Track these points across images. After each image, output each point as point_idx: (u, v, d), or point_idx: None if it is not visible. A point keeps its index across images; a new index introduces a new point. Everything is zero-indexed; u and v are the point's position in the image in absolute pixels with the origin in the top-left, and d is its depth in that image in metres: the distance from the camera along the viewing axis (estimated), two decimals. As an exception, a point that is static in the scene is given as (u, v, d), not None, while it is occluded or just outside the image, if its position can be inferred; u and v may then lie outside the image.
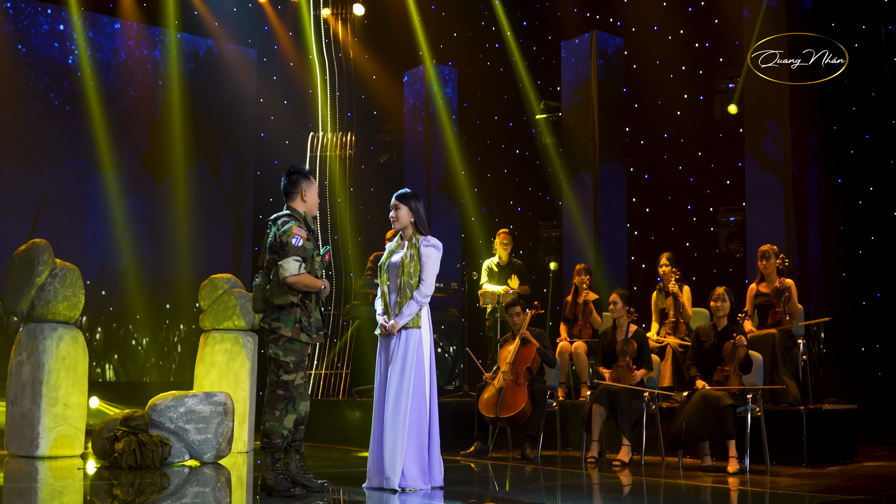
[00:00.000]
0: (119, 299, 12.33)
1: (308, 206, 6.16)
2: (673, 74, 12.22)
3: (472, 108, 13.64)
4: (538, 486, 7.06)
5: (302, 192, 6.13)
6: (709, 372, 7.82)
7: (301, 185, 6.13)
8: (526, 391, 8.50)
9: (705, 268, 11.70)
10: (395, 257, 6.41)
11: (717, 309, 7.91)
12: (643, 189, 12.46)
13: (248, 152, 13.06)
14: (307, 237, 5.95)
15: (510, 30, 13.23)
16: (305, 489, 6.09)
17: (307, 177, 6.17)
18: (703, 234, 11.87)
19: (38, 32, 11.90)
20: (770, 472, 7.51)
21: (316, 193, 6.19)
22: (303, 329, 5.94)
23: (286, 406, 5.97)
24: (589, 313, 9.75)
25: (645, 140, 12.52)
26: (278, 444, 5.97)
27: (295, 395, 5.97)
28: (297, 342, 5.95)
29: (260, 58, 13.41)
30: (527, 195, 13.53)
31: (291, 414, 5.97)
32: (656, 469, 7.86)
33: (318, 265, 6.04)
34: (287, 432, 5.98)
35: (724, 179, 11.73)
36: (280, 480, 5.97)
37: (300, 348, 5.96)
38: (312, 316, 6.01)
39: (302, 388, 6.02)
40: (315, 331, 6.04)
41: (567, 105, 12.40)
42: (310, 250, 5.96)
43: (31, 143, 11.85)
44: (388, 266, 6.42)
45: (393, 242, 6.57)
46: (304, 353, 6.01)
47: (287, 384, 5.96)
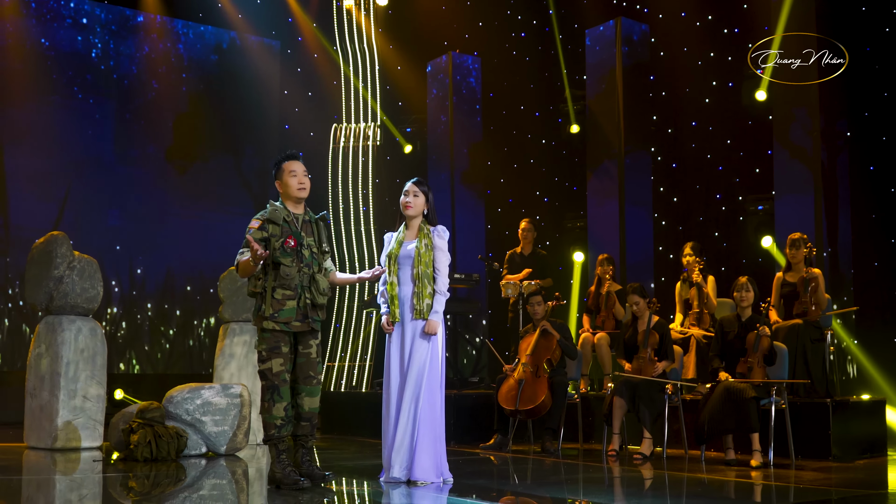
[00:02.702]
0: (145, 291, 12.35)
1: (285, 192, 6.08)
2: (701, 61, 11.99)
3: (497, 97, 13.49)
4: (556, 479, 6.95)
5: (278, 181, 6.08)
6: (732, 364, 7.66)
7: (277, 173, 6.09)
8: (546, 383, 8.38)
9: (735, 258, 11.49)
10: (408, 247, 6.29)
11: (740, 299, 7.75)
12: (671, 178, 12.26)
13: (271, 144, 13.02)
14: (259, 226, 5.89)
15: (535, 18, 13.10)
16: (311, 478, 6.01)
17: (280, 163, 6.10)
18: (732, 223, 11.65)
19: (61, 26, 11.93)
20: (795, 466, 7.35)
21: (291, 176, 6.02)
22: (266, 317, 5.86)
23: (271, 396, 5.89)
24: (612, 304, 9.60)
25: (673, 128, 12.31)
26: (274, 434, 5.89)
27: (277, 383, 5.87)
28: (267, 331, 5.89)
29: (284, 50, 13.36)
30: (553, 185, 13.37)
31: (279, 402, 5.87)
32: (678, 463, 7.71)
33: (279, 253, 5.90)
34: (280, 421, 5.88)
35: (754, 168, 11.51)
36: (288, 473, 5.90)
37: (270, 336, 5.88)
38: (286, 304, 5.89)
39: (284, 376, 5.89)
40: (286, 318, 5.89)
41: (591, 93, 12.23)
42: (258, 239, 5.86)
43: (55, 136, 11.87)
44: (399, 257, 6.29)
45: (399, 232, 6.42)
46: (277, 341, 5.88)
47: (264, 373, 5.91)
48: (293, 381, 6.01)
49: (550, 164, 13.34)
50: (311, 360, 6.04)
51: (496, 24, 13.49)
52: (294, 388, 6.01)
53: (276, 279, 5.88)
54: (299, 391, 6.01)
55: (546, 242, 12.78)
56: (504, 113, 13.48)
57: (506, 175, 13.28)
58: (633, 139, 11.91)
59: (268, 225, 5.92)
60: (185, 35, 12.86)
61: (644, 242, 11.88)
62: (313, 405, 6.05)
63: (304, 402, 6.01)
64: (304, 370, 6.01)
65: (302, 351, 6.03)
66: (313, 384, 6.04)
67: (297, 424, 6.03)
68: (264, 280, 5.91)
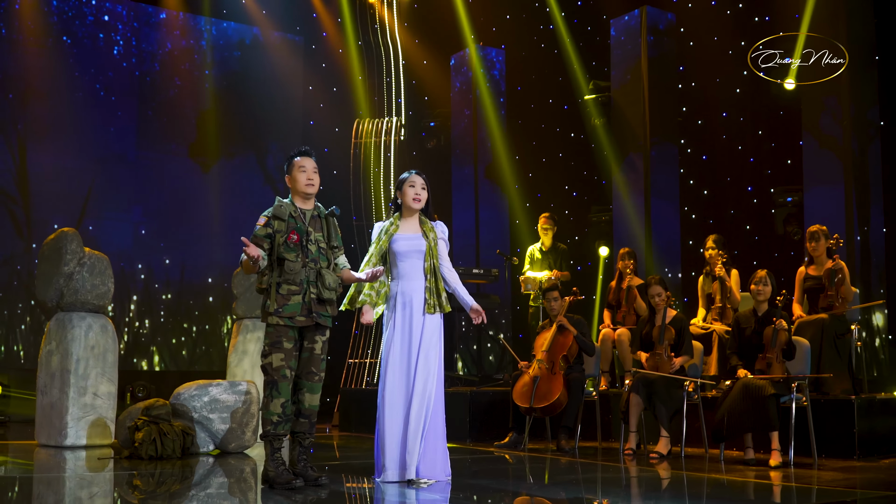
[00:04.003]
0: (167, 288, 12.34)
1: (293, 188, 6.01)
2: (732, 50, 11.70)
3: (523, 90, 13.29)
4: (564, 479, 6.77)
5: (288, 176, 6.02)
6: (751, 360, 7.41)
7: (287, 168, 6.02)
8: (561, 380, 8.18)
9: (767, 252, 11.19)
10: (414, 242, 6.14)
11: (757, 293, 7.50)
12: (701, 170, 11.98)
13: (295, 140, 12.92)
14: (264, 223, 5.85)
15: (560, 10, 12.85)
16: (304, 479, 5.89)
17: (291, 159, 6.02)
18: (763, 216, 11.36)
19: (83, 23, 11.96)
20: (817, 465, 7.06)
21: (301, 172, 5.94)
22: (270, 312, 5.80)
23: (270, 391, 5.81)
24: (633, 299, 9.35)
25: (703, 119, 12.03)
26: (269, 431, 5.79)
27: (276, 379, 5.78)
28: (270, 326, 5.83)
29: (307, 45, 13.27)
30: (581, 179, 13.13)
31: (276, 398, 5.78)
32: (695, 462, 7.47)
33: (283, 249, 5.83)
34: (276, 417, 5.78)
35: (785, 159, 11.20)
36: (281, 472, 5.79)
37: (273, 331, 5.81)
38: (291, 299, 5.81)
39: (285, 372, 5.80)
40: (291, 313, 5.81)
41: (617, 84, 11.98)
42: (262, 236, 5.82)
43: (77, 134, 11.90)
44: (405, 251, 6.13)
45: (389, 223, 6.25)
46: (279, 336, 5.81)
47: (265, 368, 5.84)
48: (296, 377, 5.93)
49: (578, 157, 13.10)
50: (315, 356, 5.94)
51: (524, 16, 13.29)
52: (296, 384, 5.93)
53: (280, 275, 5.83)
54: (301, 386, 5.92)
55: (575, 238, 12.58)
56: (532, 106, 13.28)
57: (534, 169, 13.07)
58: (660, 131, 11.65)
59: (273, 221, 5.86)
60: (208, 31, 12.84)
61: (671, 236, 11.61)
62: (313, 402, 5.94)
63: (305, 398, 5.91)
64: (307, 365, 5.91)
65: (306, 346, 5.93)
66: (314, 380, 5.93)
67: (295, 421, 5.93)
68: (269, 276, 5.87)
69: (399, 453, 5.96)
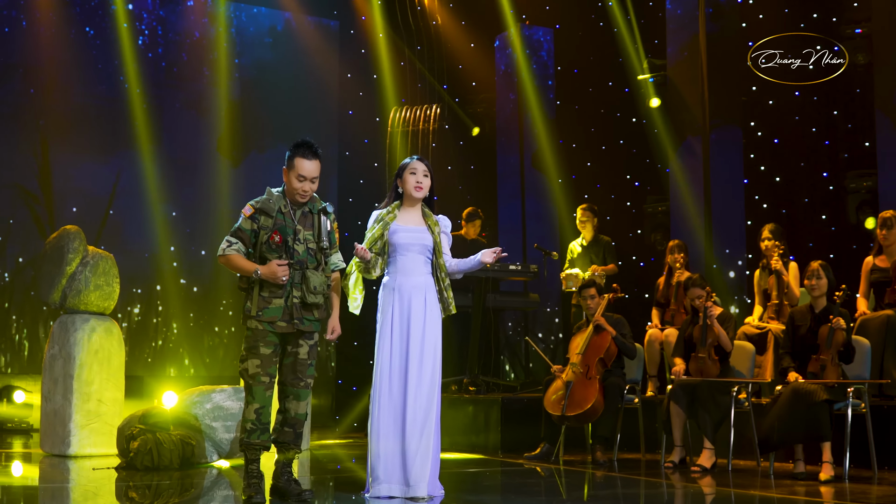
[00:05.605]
0: (199, 289, 11.88)
1: (287, 188, 5.47)
2: (804, 24, 10.72)
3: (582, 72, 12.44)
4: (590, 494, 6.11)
5: (285, 169, 5.48)
6: (804, 362, 6.59)
7: (286, 162, 5.49)
8: (597, 385, 7.43)
9: (844, 243, 10.22)
10: (418, 235, 5.60)
11: (812, 287, 6.65)
12: (771, 155, 11.01)
13: (330, 131, 12.30)
14: (251, 215, 5.37)
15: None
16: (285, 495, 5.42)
17: (293, 155, 5.48)
18: (839, 204, 10.40)
19: (105, 13, 11.53)
20: (877, 479, 6.31)
21: (298, 179, 5.39)
22: (251, 315, 5.38)
23: (245, 397, 5.41)
24: (683, 296, 8.51)
25: (774, 100, 11.06)
26: (243, 439, 5.36)
27: (251, 384, 5.35)
28: (248, 329, 5.41)
29: (344, 30, 12.62)
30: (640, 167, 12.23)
31: (251, 404, 5.38)
32: (742, 476, 6.72)
33: (265, 248, 5.37)
34: (250, 425, 5.35)
35: (863, 141, 10.22)
36: (250, 485, 5.36)
37: (251, 335, 5.39)
38: (272, 303, 5.36)
39: (261, 378, 5.34)
40: (271, 317, 5.35)
41: (673, 61, 11.10)
42: (247, 230, 5.36)
43: (101, 128, 11.48)
44: (405, 244, 5.58)
45: (387, 211, 5.68)
46: (256, 341, 5.36)
47: (242, 373, 5.41)
48: (281, 384, 5.52)
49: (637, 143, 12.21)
50: (299, 361, 5.49)
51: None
52: (282, 391, 5.52)
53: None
54: (287, 394, 5.51)
55: (637, 231, 11.77)
56: (591, 90, 12.43)
57: (593, 158, 12.24)
58: (720, 112, 10.71)
59: (259, 216, 5.39)
60: (238, 18, 12.29)
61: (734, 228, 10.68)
62: (300, 410, 5.49)
63: (291, 405, 5.49)
64: (291, 371, 5.49)
65: (290, 350, 5.50)
66: (300, 387, 5.48)
67: (280, 430, 5.50)
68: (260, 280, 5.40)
69: (399, 466, 5.39)
